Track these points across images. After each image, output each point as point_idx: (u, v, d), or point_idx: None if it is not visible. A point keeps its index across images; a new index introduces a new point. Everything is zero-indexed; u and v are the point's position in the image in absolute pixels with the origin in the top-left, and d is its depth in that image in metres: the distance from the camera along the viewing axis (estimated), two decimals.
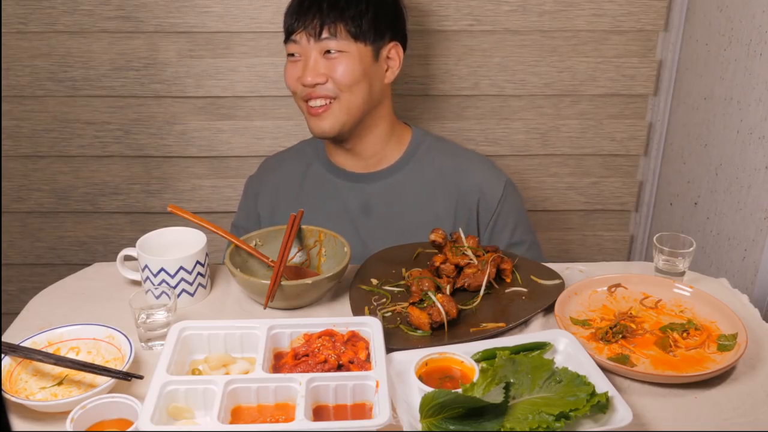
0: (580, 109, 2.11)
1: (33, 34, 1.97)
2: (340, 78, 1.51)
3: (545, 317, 1.29)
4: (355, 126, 1.58)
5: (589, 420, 1.02)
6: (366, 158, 1.64)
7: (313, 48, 1.52)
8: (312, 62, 1.52)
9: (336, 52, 1.51)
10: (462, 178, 1.63)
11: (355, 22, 1.52)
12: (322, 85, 1.52)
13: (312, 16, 1.51)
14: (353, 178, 1.65)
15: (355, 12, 1.52)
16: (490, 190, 1.63)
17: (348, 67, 1.51)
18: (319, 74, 1.51)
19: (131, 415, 1.01)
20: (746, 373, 1.15)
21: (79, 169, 2.13)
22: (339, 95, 1.53)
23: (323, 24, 1.51)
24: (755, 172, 1.64)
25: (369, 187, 1.64)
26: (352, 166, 1.66)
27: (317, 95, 1.53)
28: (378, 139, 1.63)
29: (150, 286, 1.29)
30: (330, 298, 1.35)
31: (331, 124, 1.55)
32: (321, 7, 1.51)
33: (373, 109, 1.59)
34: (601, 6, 1.98)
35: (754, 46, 1.64)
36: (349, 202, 1.64)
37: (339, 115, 1.54)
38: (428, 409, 0.98)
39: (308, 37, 1.52)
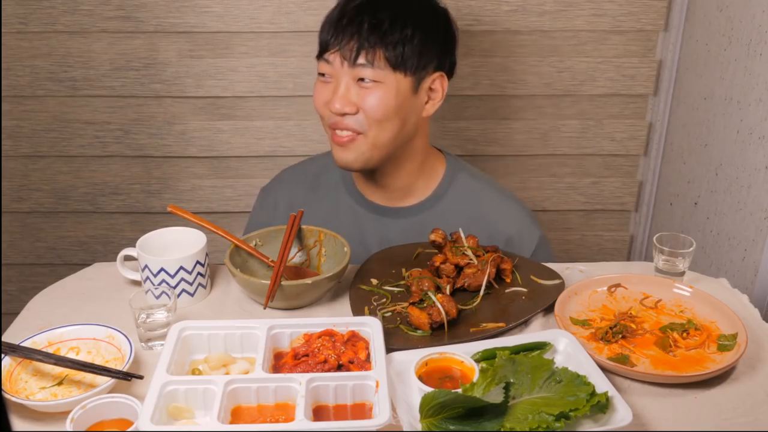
0: (580, 109, 2.11)
1: (33, 34, 1.97)
2: (370, 111, 1.37)
3: (545, 317, 1.29)
4: (383, 161, 1.45)
5: (589, 420, 1.02)
6: (393, 191, 1.52)
7: (346, 72, 1.38)
8: (343, 88, 1.38)
9: (370, 82, 1.37)
10: (493, 228, 1.50)
11: (396, 50, 1.36)
12: (350, 116, 1.39)
13: (349, 37, 1.36)
14: (377, 211, 1.54)
15: (399, 37, 1.36)
16: (521, 246, 1.50)
17: (381, 100, 1.37)
18: (350, 103, 1.38)
19: (131, 415, 1.01)
20: (746, 373, 1.15)
21: (79, 169, 2.13)
22: (366, 130, 1.39)
23: (360, 48, 1.36)
24: (755, 172, 1.64)
25: (392, 223, 1.53)
26: (378, 197, 1.53)
27: (344, 126, 1.40)
28: (408, 173, 1.50)
29: (150, 286, 1.29)
30: (330, 298, 1.35)
31: (355, 157, 1.42)
32: (360, 28, 1.36)
33: (406, 143, 1.46)
34: (601, 6, 1.98)
35: (754, 46, 1.64)
36: (368, 235, 1.53)
37: (364, 150, 1.41)
38: (428, 409, 0.98)
39: (342, 60, 1.38)
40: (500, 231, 1.51)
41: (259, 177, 2.14)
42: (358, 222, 1.55)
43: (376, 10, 1.38)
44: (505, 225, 1.51)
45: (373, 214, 1.54)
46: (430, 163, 1.53)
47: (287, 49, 2.01)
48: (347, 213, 1.56)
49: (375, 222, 1.54)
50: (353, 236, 1.51)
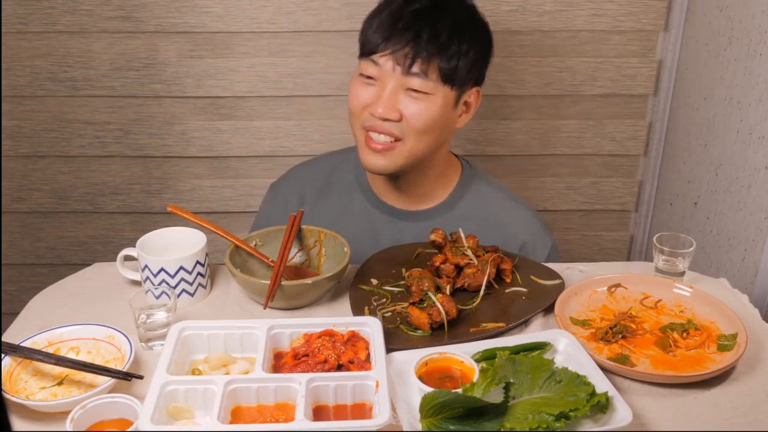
0: (580, 109, 2.11)
1: (33, 34, 1.97)
2: (414, 121, 1.35)
3: (545, 317, 1.29)
4: (412, 168, 1.44)
5: (589, 420, 1.02)
6: (411, 196, 1.51)
7: (395, 78, 1.35)
8: (389, 93, 1.35)
9: (419, 92, 1.35)
10: (508, 234, 1.50)
11: (451, 63, 1.34)
12: (392, 122, 1.36)
13: (404, 43, 1.32)
14: (392, 213, 1.52)
15: (455, 51, 1.34)
16: (533, 253, 1.50)
17: (428, 112, 1.35)
18: (395, 110, 1.35)
19: (131, 415, 1.01)
20: (746, 373, 1.15)
21: (79, 169, 2.13)
22: (405, 138, 1.37)
23: (416, 56, 1.32)
24: (755, 172, 1.64)
25: (406, 226, 1.52)
26: (393, 200, 1.52)
27: (382, 130, 1.37)
28: (429, 179, 1.50)
29: (150, 286, 1.29)
30: (330, 298, 1.35)
31: (387, 164, 1.40)
32: (419, 36, 1.32)
33: (434, 152, 1.45)
34: (601, 6, 1.98)
35: (754, 46, 1.64)
36: (382, 236, 1.52)
37: (399, 158, 1.39)
38: (428, 409, 0.98)
39: (394, 66, 1.34)
40: (514, 237, 1.51)
41: (259, 177, 2.14)
42: (371, 223, 1.53)
43: (436, 20, 1.34)
44: (520, 231, 1.51)
45: (387, 216, 1.53)
46: (448, 170, 1.54)
47: (287, 49, 2.01)
48: (361, 214, 1.54)
49: (389, 224, 1.53)
50: (366, 237, 1.52)
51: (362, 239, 1.50)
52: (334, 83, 2.04)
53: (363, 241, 1.50)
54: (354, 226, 1.52)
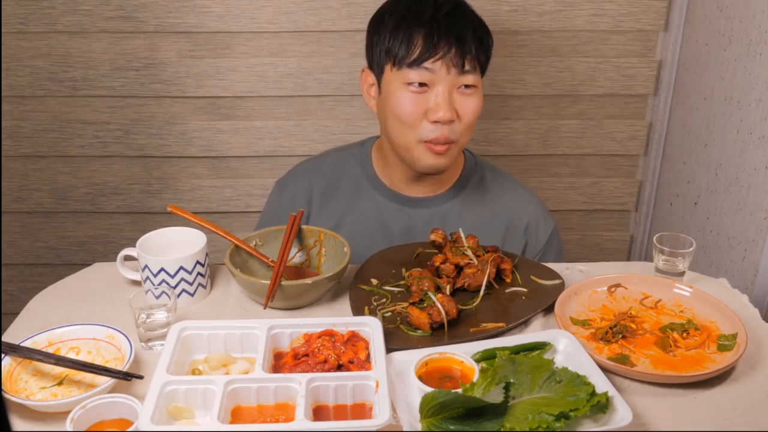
0: (580, 109, 2.11)
1: (33, 34, 1.97)
2: (468, 116, 1.41)
3: (545, 317, 1.29)
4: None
5: (589, 420, 1.02)
6: (427, 185, 1.55)
7: (448, 81, 1.39)
8: (446, 95, 1.38)
9: (471, 88, 1.41)
10: (512, 217, 1.57)
11: (485, 54, 1.43)
12: (451, 126, 1.40)
13: (452, 45, 1.38)
14: (401, 201, 1.56)
15: (488, 43, 1.44)
16: (537, 233, 1.57)
17: (477, 104, 1.42)
18: (453, 110, 1.40)
19: (131, 415, 1.01)
20: (746, 373, 1.15)
21: (79, 169, 2.13)
22: (459, 138, 1.43)
23: (465, 55, 1.39)
24: (755, 172, 1.64)
25: (415, 213, 1.55)
26: (405, 188, 1.56)
27: (446, 141, 1.41)
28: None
29: (150, 286, 1.29)
30: (330, 298, 1.35)
31: (448, 163, 1.46)
32: (463, 36, 1.39)
33: None
34: (601, 6, 1.98)
35: (754, 46, 1.64)
36: (391, 224, 1.55)
37: (454, 155, 1.46)
38: (428, 409, 0.98)
39: (449, 68, 1.38)
40: (520, 217, 1.57)
41: (259, 177, 2.14)
42: (380, 213, 1.57)
43: (463, 18, 1.42)
44: (524, 212, 1.58)
45: (396, 204, 1.56)
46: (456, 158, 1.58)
47: (287, 49, 2.01)
48: (369, 204, 1.57)
49: (398, 212, 1.56)
50: (376, 227, 1.55)
51: (372, 228, 1.55)
52: (334, 83, 2.04)
53: (373, 231, 1.55)
54: (363, 214, 1.56)
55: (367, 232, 1.55)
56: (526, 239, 1.57)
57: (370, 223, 1.56)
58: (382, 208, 1.57)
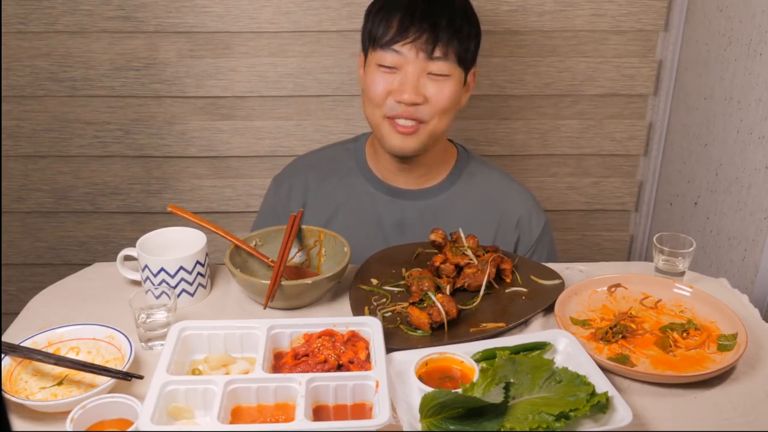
0: (580, 109, 2.11)
1: (33, 34, 1.97)
2: (437, 102, 1.44)
3: (545, 317, 1.29)
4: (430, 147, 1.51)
5: (589, 420, 1.02)
6: (414, 175, 1.57)
7: (417, 64, 1.42)
8: (413, 79, 1.42)
9: (440, 75, 1.43)
10: (505, 209, 1.58)
11: (464, 45, 1.44)
12: (416, 106, 1.43)
13: (424, 30, 1.40)
14: (393, 193, 1.58)
15: (467, 33, 1.44)
16: (529, 227, 1.58)
17: (449, 92, 1.44)
18: (420, 94, 1.42)
19: (131, 415, 1.01)
20: (746, 373, 1.15)
21: (79, 169, 2.13)
22: (429, 120, 1.45)
23: (437, 41, 1.41)
24: (755, 172, 1.64)
25: (408, 205, 1.57)
26: (395, 180, 1.58)
27: (409, 116, 1.44)
28: (433, 158, 1.56)
29: (150, 286, 1.29)
30: (330, 298, 1.35)
31: (415, 144, 1.47)
32: (437, 23, 1.41)
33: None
34: (601, 6, 1.98)
35: (754, 46, 1.64)
36: (384, 217, 1.57)
37: (424, 138, 1.47)
38: (428, 409, 0.98)
39: (417, 52, 1.41)
40: (511, 212, 1.58)
41: (259, 177, 2.14)
42: (374, 204, 1.58)
43: (447, 6, 1.44)
44: (516, 207, 1.59)
45: (389, 197, 1.58)
46: (446, 151, 1.61)
47: (287, 49, 2.01)
48: (363, 197, 1.59)
49: (391, 204, 1.58)
50: (370, 219, 1.57)
51: (366, 220, 1.57)
52: (334, 83, 2.04)
53: (366, 223, 1.57)
54: (357, 206, 1.58)
55: (361, 224, 1.57)
56: (518, 233, 1.58)
57: (364, 215, 1.58)
58: (375, 201, 1.58)
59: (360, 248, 1.44)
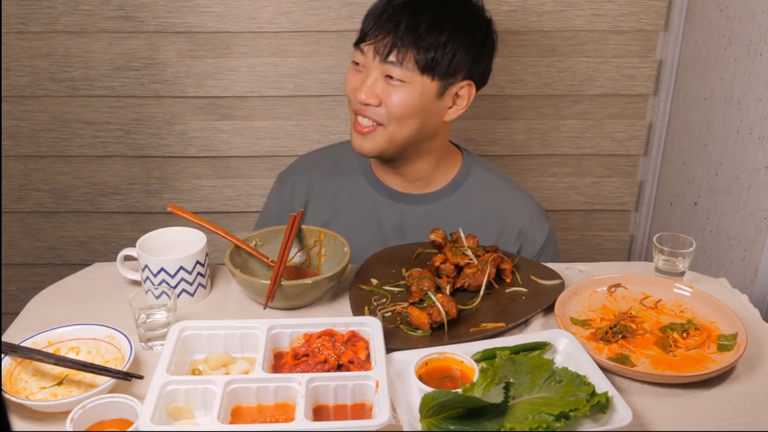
0: (580, 109, 2.11)
1: (33, 34, 1.97)
2: (391, 107, 1.41)
3: (545, 317, 1.29)
4: (400, 153, 1.49)
5: (589, 420, 1.02)
6: (411, 180, 1.56)
7: (375, 66, 1.42)
8: (371, 81, 1.42)
9: (397, 80, 1.41)
10: (507, 218, 1.55)
11: (428, 54, 1.39)
12: (374, 107, 1.43)
13: (385, 33, 1.40)
14: (394, 196, 1.57)
15: (432, 42, 1.39)
16: (532, 237, 1.56)
17: (404, 99, 1.41)
18: (374, 95, 1.42)
19: (131, 415, 1.01)
20: (746, 373, 1.15)
21: (79, 169, 2.13)
22: (386, 123, 1.43)
23: (393, 46, 1.39)
24: (755, 172, 1.64)
25: (408, 209, 1.56)
26: (396, 184, 1.57)
27: (366, 114, 1.44)
28: (427, 165, 1.54)
29: (150, 286, 1.29)
30: (330, 298, 1.35)
31: (371, 147, 1.46)
32: (398, 27, 1.39)
33: (425, 141, 1.49)
34: (601, 6, 1.98)
35: (754, 46, 1.64)
36: (384, 220, 1.57)
37: (380, 142, 1.45)
38: (428, 409, 0.98)
39: (374, 54, 1.41)
40: (513, 221, 1.56)
41: (259, 177, 2.14)
42: (374, 206, 1.57)
43: (417, 11, 1.40)
44: (518, 216, 1.56)
45: (390, 200, 1.57)
46: (448, 157, 1.58)
47: (287, 49, 2.01)
48: (365, 198, 1.58)
49: (392, 207, 1.57)
50: (370, 221, 1.56)
51: (366, 222, 1.56)
52: (334, 83, 2.04)
53: (367, 225, 1.56)
54: (358, 208, 1.57)
55: (361, 225, 1.56)
56: (520, 243, 1.56)
57: (364, 217, 1.57)
58: (376, 203, 1.57)
59: (359, 250, 1.44)
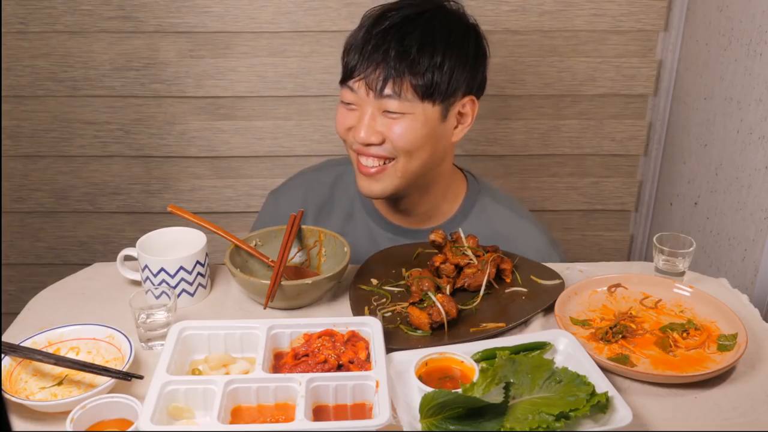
0: (580, 109, 2.11)
1: (33, 34, 1.97)
2: (399, 141, 1.30)
3: (545, 317, 1.29)
4: (410, 188, 1.39)
5: (589, 420, 1.02)
6: (414, 215, 1.46)
7: (371, 103, 1.30)
8: (368, 119, 1.31)
9: (397, 114, 1.30)
10: (514, 252, 1.42)
11: (425, 78, 1.28)
12: (377, 146, 1.32)
13: (375, 66, 1.28)
14: (394, 231, 1.48)
15: (427, 65, 1.28)
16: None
17: (410, 130, 1.30)
18: (375, 133, 1.31)
19: (131, 415, 1.01)
20: (746, 373, 1.15)
21: (79, 169, 2.13)
22: (396, 157, 1.33)
23: (387, 78, 1.28)
24: (755, 172, 1.64)
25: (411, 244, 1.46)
26: (397, 219, 1.48)
27: (370, 154, 1.33)
28: (432, 198, 1.45)
29: (150, 286, 1.29)
30: (330, 298, 1.35)
31: (383, 187, 1.36)
32: (387, 56, 1.27)
33: (434, 168, 1.39)
34: (601, 6, 1.99)
35: (754, 46, 1.64)
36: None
37: (393, 179, 1.35)
38: (428, 409, 0.98)
39: (367, 90, 1.29)
40: (521, 254, 1.44)
41: (259, 177, 2.14)
42: (373, 240, 1.49)
43: (404, 36, 1.30)
44: (527, 248, 1.45)
45: (389, 234, 1.49)
46: (452, 187, 1.49)
47: (287, 49, 2.01)
48: (363, 230, 1.50)
49: (391, 242, 1.48)
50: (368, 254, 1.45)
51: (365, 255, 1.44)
52: (334, 83, 2.01)
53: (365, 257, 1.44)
54: (356, 241, 1.46)
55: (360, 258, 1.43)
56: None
57: (363, 249, 1.46)
58: (375, 236, 1.49)
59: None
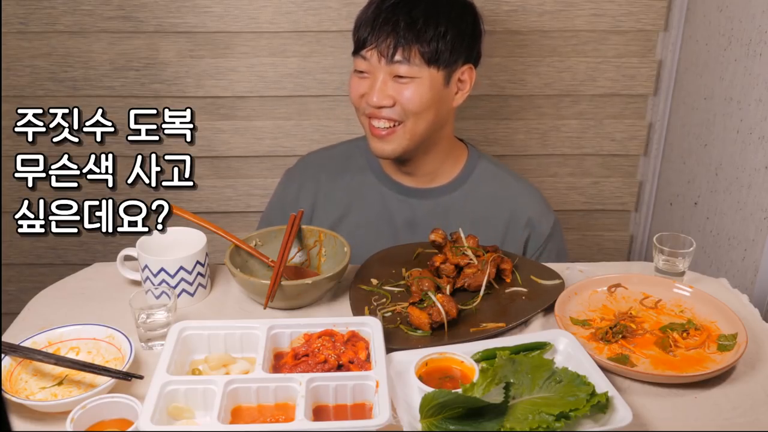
0: (580, 109, 2.11)
1: (33, 34, 1.97)
2: (408, 104, 1.46)
3: (545, 317, 1.29)
4: (417, 148, 1.53)
5: (589, 420, 1.02)
6: (421, 176, 1.60)
7: (382, 69, 1.46)
8: (380, 83, 1.46)
9: (406, 77, 1.45)
10: (514, 210, 1.60)
11: (431, 46, 1.44)
12: (388, 108, 1.47)
13: (386, 35, 1.44)
14: (404, 192, 1.60)
15: (433, 35, 1.44)
16: (539, 226, 1.60)
17: (418, 93, 1.45)
18: (387, 96, 1.46)
19: (131, 415, 1.01)
20: (746, 373, 1.15)
21: None
22: (405, 120, 1.47)
23: (397, 45, 1.44)
24: (755, 172, 1.64)
25: (418, 203, 1.60)
26: (404, 179, 1.61)
27: (382, 116, 1.48)
28: (436, 158, 1.58)
29: (150, 286, 1.29)
30: (330, 298, 1.35)
31: (394, 147, 1.50)
32: (397, 27, 1.44)
33: (436, 131, 1.53)
34: (601, 6, 1.98)
35: (754, 46, 1.64)
36: (396, 215, 1.60)
37: (402, 140, 1.49)
38: (428, 409, 0.98)
39: (379, 57, 1.45)
40: (521, 211, 1.60)
41: (259, 177, 2.14)
42: (385, 203, 1.61)
43: (411, 8, 1.45)
44: (525, 206, 1.60)
45: (400, 195, 1.61)
46: (454, 150, 1.62)
47: (287, 49, 2.01)
48: (374, 194, 1.62)
49: (402, 202, 1.60)
50: (381, 216, 1.60)
51: (377, 218, 1.60)
52: (334, 83, 2.04)
53: (378, 222, 1.60)
54: (368, 205, 1.61)
55: (372, 222, 1.59)
56: (528, 231, 1.59)
57: (375, 214, 1.60)
58: (386, 199, 1.61)
59: (372, 246, 1.47)
